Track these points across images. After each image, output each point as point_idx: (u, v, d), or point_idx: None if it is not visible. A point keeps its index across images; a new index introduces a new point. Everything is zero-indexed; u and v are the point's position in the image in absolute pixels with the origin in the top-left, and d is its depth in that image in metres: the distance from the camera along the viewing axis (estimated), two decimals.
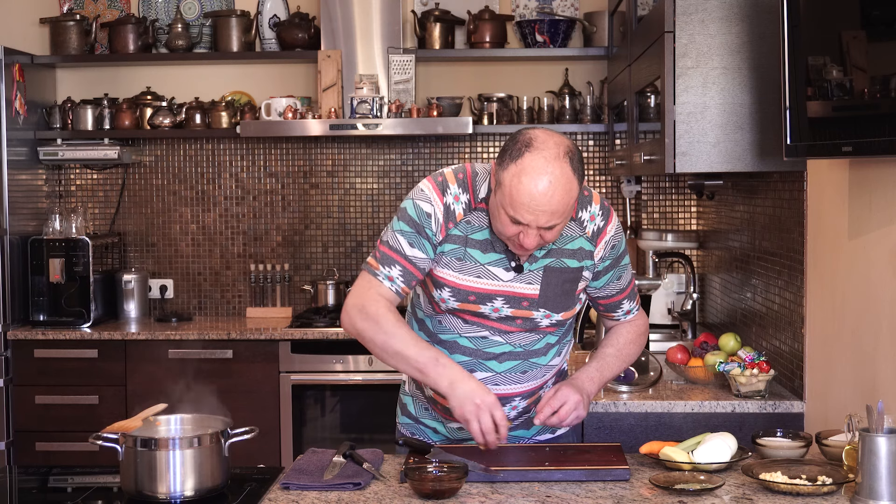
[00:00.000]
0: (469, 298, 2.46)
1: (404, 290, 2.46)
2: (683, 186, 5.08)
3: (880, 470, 2.09)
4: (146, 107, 5.19)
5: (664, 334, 4.29)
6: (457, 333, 2.52)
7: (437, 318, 2.54)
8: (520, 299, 2.47)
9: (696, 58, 3.12)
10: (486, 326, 2.50)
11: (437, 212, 2.43)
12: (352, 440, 3.31)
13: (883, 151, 2.25)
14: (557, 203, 2.27)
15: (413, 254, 2.43)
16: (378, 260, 2.46)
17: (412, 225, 2.44)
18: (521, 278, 2.46)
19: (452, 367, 2.39)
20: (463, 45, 5.20)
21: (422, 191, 2.47)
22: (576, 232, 2.48)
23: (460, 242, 2.45)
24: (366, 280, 2.46)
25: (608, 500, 2.22)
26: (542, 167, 2.26)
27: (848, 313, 2.75)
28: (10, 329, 4.77)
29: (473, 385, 2.36)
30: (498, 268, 2.45)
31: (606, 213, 2.51)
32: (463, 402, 2.35)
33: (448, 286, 2.46)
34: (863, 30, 2.38)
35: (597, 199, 2.51)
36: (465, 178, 2.46)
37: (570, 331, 2.66)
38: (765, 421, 3.11)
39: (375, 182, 5.32)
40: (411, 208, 2.45)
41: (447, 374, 2.37)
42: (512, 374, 2.54)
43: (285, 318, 5.07)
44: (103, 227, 5.37)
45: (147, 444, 2.26)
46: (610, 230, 2.51)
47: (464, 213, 2.45)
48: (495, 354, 2.52)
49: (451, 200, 2.44)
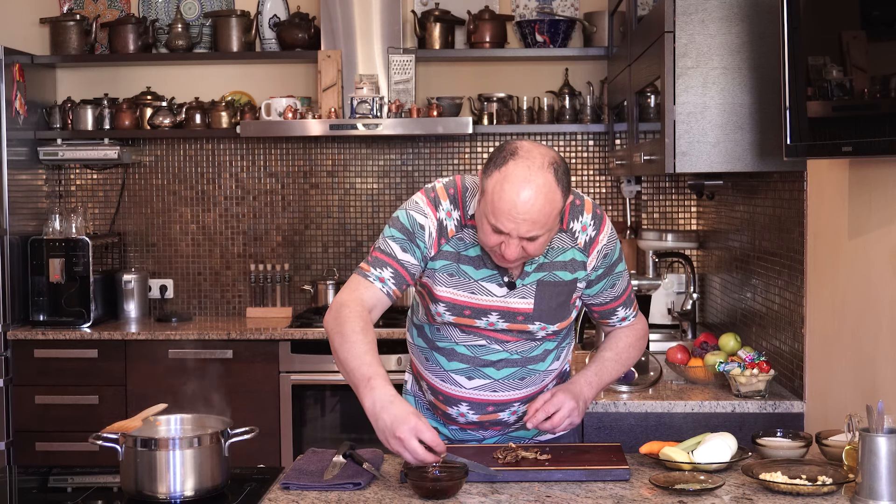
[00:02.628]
0: (464, 313, 2.47)
1: (395, 292, 2.45)
2: (683, 186, 5.08)
3: (880, 470, 2.09)
4: (146, 107, 5.19)
5: (664, 334, 4.29)
6: (454, 341, 2.53)
7: (434, 327, 2.55)
8: (514, 314, 2.47)
9: (696, 58, 3.12)
10: (484, 336, 2.50)
11: (431, 227, 2.44)
12: (352, 440, 3.31)
13: (883, 151, 2.25)
14: (538, 212, 2.25)
15: (404, 258, 2.44)
16: (370, 263, 2.46)
17: (404, 232, 2.44)
18: (514, 294, 2.46)
19: (381, 390, 2.25)
20: (463, 45, 5.20)
21: (416, 203, 2.47)
22: (567, 243, 2.47)
23: (452, 259, 2.45)
24: (354, 282, 2.46)
25: (608, 500, 2.22)
26: (524, 175, 2.24)
27: (848, 313, 2.75)
28: (10, 329, 4.77)
29: (395, 412, 2.22)
30: (491, 283, 2.45)
31: (598, 222, 2.48)
32: (386, 436, 2.23)
33: (443, 301, 2.47)
34: (863, 30, 2.38)
35: (589, 207, 2.48)
36: (455, 194, 2.46)
37: (570, 334, 2.66)
38: (765, 421, 3.11)
39: (375, 182, 5.32)
40: (405, 217, 2.46)
41: (372, 397, 2.25)
42: (510, 380, 2.54)
43: (285, 318, 5.07)
44: (103, 227, 5.37)
45: (147, 444, 2.26)
46: (602, 239, 2.48)
47: (455, 230, 2.45)
48: (493, 361, 2.52)
49: (444, 216, 2.44)
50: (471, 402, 2.56)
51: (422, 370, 2.62)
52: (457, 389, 2.55)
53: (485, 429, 2.61)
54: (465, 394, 2.55)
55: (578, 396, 2.50)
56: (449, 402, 2.57)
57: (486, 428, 2.61)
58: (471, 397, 2.55)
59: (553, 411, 2.45)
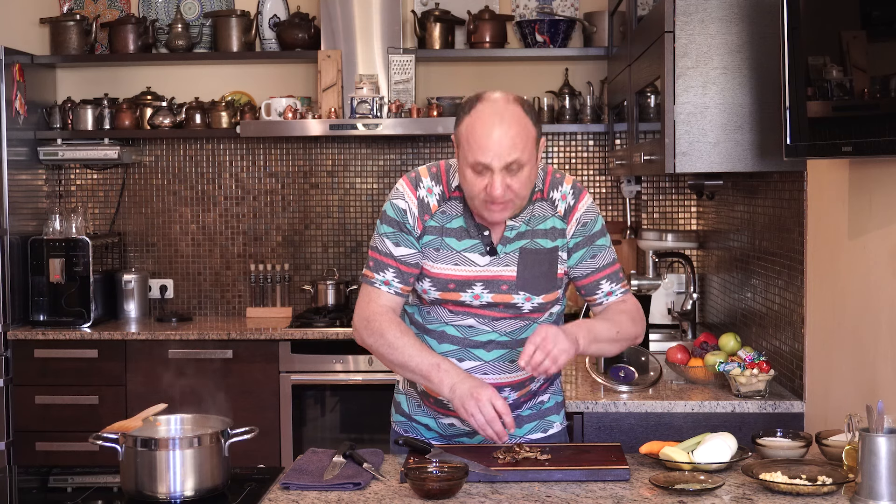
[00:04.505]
0: (448, 287, 2.51)
1: (403, 289, 2.53)
2: (683, 186, 5.07)
3: (880, 470, 2.09)
4: (146, 107, 5.19)
5: (664, 334, 4.28)
6: (443, 322, 2.56)
7: (424, 309, 2.59)
8: (498, 283, 2.50)
9: (696, 58, 3.12)
10: (471, 314, 2.53)
11: (412, 206, 2.51)
12: (352, 440, 3.30)
13: (883, 151, 2.25)
14: (514, 136, 2.34)
15: (401, 253, 2.51)
16: (371, 268, 2.55)
17: (393, 224, 2.52)
18: (497, 261, 2.50)
19: (453, 370, 2.44)
20: (463, 45, 5.20)
21: (397, 190, 2.55)
22: (548, 212, 2.53)
23: (436, 233, 2.51)
24: (365, 292, 2.55)
25: (608, 500, 2.22)
26: (493, 110, 2.36)
27: (848, 313, 2.75)
28: (10, 329, 4.77)
29: (471, 383, 2.41)
30: (474, 253, 2.50)
31: (578, 192, 2.55)
32: (464, 401, 2.39)
33: (428, 276, 2.52)
34: (863, 30, 2.37)
35: (569, 180, 2.57)
36: (438, 171, 2.55)
37: (560, 321, 2.65)
38: (765, 421, 3.11)
39: (375, 182, 5.32)
40: (390, 209, 2.54)
41: (448, 379, 2.42)
42: (500, 363, 2.56)
43: (285, 318, 5.07)
44: (103, 227, 5.37)
45: (147, 444, 2.26)
46: (581, 207, 2.54)
47: (438, 204, 2.52)
48: (482, 343, 2.55)
49: (425, 193, 2.52)
50: None
51: None
52: None
53: None
54: None
55: (569, 333, 2.40)
56: None
57: None
58: None
59: (550, 348, 2.35)
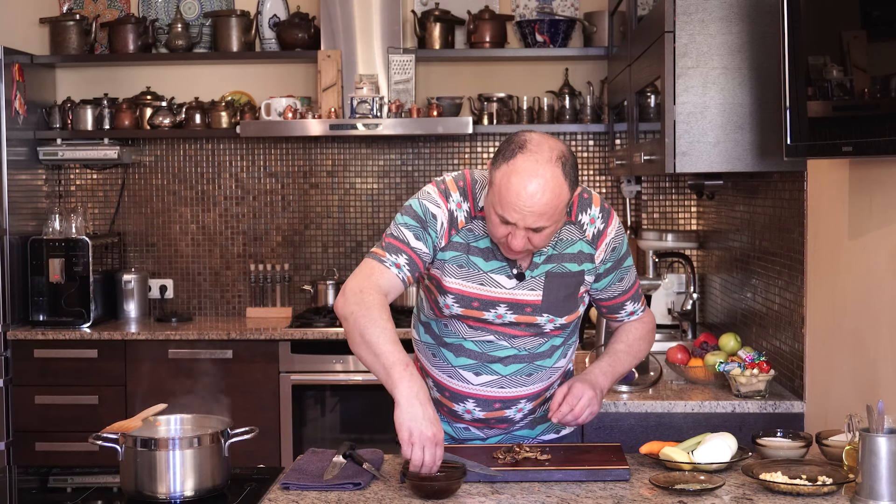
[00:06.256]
0: (473, 305, 2.48)
1: (409, 279, 2.45)
2: (683, 186, 5.07)
3: (880, 470, 2.09)
4: (146, 107, 5.19)
5: (664, 334, 4.28)
6: (461, 337, 2.53)
7: (441, 322, 2.55)
8: (523, 305, 2.48)
9: (696, 58, 3.12)
10: (491, 331, 2.51)
11: (443, 217, 2.45)
12: (352, 440, 3.31)
13: (883, 151, 2.25)
14: (545, 205, 2.27)
15: (418, 246, 2.44)
16: (384, 248, 2.45)
17: (417, 220, 2.45)
18: (523, 285, 2.47)
19: (417, 381, 2.26)
20: (463, 45, 5.20)
21: (428, 193, 2.48)
22: (575, 235, 2.49)
23: (462, 250, 2.46)
24: (369, 266, 2.44)
25: (608, 500, 2.22)
26: (532, 168, 2.27)
27: (848, 313, 2.75)
28: (10, 329, 4.77)
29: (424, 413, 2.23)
30: (500, 275, 2.46)
31: (606, 216, 2.51)
32: (405, 425, 2.23)
33: (451, 293, 2.47)
34: (863, 30, 2.37)
35: (597, 201, 2.51)
36: (465, 187, 2.48)
37: (575, 332, 2.67)
38: (765, 421, 3.11)
39: (375, 182, 5.32)
40: (417, 206, 2.47)
41: (408, 386, 2.25)
42: (517, 376, 2.54)
43: (285, 318, 5.07)
44: (103, 227, 5.37)
45: (147, 444, 2.26)
46: (610, 232, 2.51)
47: (465, 222, 2.47)
48: (500, 358, 2.53)
49: (455, 207, 2.46)
50: (477, 399, 2.56)
51: (428, 367, 2.62)
52: (464, 385, 2.55)
53: (490, 427, 2.61)
54: (472, 390, 2.55)
55: (595, 385, 2.53)
56: (455, 398, 2.57)
57: (492, 426, 2.61)
58: (478, 393, 2.55)
59: (575, 403, 2.48)
